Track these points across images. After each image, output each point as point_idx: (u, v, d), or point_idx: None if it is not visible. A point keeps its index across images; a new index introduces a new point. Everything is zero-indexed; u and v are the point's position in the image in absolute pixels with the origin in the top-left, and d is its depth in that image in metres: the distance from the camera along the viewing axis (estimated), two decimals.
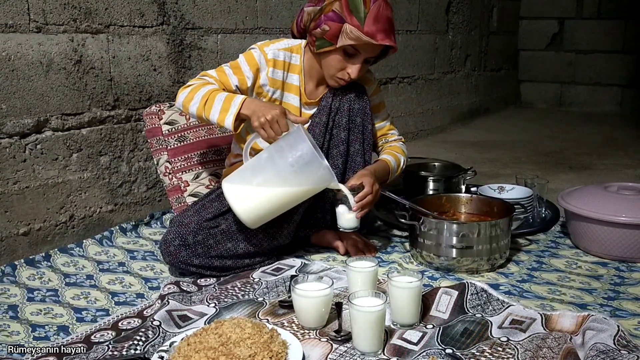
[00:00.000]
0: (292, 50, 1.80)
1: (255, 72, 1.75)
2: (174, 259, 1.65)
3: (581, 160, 3.31)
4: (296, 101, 1.82)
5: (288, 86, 1.81)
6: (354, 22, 1.64)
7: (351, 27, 1.64)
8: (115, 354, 1.24)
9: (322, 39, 1.69)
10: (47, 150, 1.88)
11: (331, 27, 1.66)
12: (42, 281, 1.68)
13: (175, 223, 1.69)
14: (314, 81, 1.83)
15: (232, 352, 1.17)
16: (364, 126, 1.85)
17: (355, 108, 1.82)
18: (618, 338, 1.25)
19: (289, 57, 1.79)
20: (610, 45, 4.95)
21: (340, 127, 1.82)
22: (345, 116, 1.81)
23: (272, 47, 1.77)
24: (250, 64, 1.75)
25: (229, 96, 1.65)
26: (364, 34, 1.64)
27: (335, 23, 1.66)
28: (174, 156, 2.02)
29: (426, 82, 3.98)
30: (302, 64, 1.81)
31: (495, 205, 1.89)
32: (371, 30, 1.64)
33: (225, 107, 1.62)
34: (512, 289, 1.63)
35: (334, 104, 1.81)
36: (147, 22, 2.13)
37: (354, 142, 1.84)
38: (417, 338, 1.34)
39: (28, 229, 1.84)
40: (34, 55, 1.81)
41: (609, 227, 1.79)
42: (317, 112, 1.82)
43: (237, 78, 1.74)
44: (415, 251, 1.81)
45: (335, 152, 1.82)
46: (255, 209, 1.60)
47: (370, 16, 1.64)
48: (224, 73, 1.75)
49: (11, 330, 1.41)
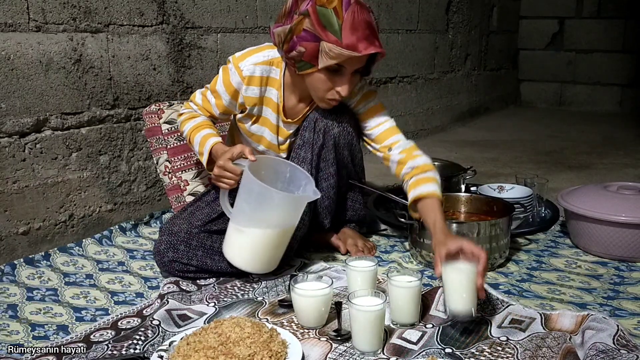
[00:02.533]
0: (272, 63, 1.69)
1: (233, 93, 1.71)
2: (169, 269, 1.65)
3: (581, 160, 3.31)
4: (274, 118, 1.75)
5: (267, 100, 1.73)
6: (330, 38, 1.47)
7: (329, 45, 1.48)
8: (114, 353, 1.24)
9: (302, 62, 1.54)
10: (46, 150, 1.88)
11: (307, 48, 1.50)
12: (42, 280, 1.68)
13: (165, 232, 1.66)
14: (296, 96, 1.72)
15: (231, 352, 1.17)
16: (352, 156, 1.81)
17: (341, 143, 1.74)
18: (617, 337, 1.25)
19: (267, 71, 1.69)
20: (610, 45, 4.95)
21: (328, 162, 1.75)
22: (332, 152, 1.74)
23: (248, 62, 1.68)
24: (227, 88, 1.71)
25: (203, 139, 1.69)
26: (344, 48, 1.47)
27: (310, 43, 1.50)
28: (173, 155, 2.02)
29: (426, 81, 3.98)
30: (281, 79, 1.70)
31: (495, 204, 1.89)
32: (351, 42, 1.47)
33: (200, 151, 1.70)
34: (511, 289, 1.63)
35: (316, 138, 1.71)
36: (146, 21, 2.13)
37: (343, 177, 1.83)
38: (417, 337, 1.34)
39: (27, 228, 1.84)
40: (34, 55, 1.81)
41: (608, 227, 1.79)
42: (300, 145, 1.73)
43: (216, 104, 1.75)
44: (415, 250, 1.81)
45: (326, 185, 1.78)
46: (254, 258, 1.58)
47: (346, 26, 1.47)
48: (207, 100, 1.77)
49: (11, 329, 1.41)
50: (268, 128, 1.77)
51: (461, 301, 1.34)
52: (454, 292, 1.34)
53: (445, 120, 4.27)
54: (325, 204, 1.82)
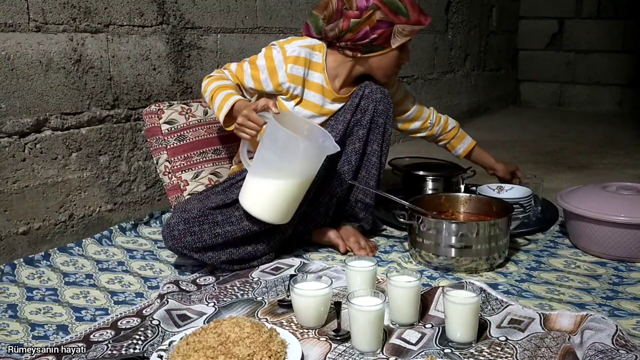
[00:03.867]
0: (314, 48, 1.83)
1: (272, 70, 1.78)
2: (178, 243, 1.63)
3: (580, 160, 3.31)
4: (318, 98, 1.84)
5: (309, 83, 1.83)
6: (402, 20, 1.74)
7: (402, 26, 1.74)
8: (114, 353, 1.24)
9: (371, 46, 1.77)
10: (46, 150, 1.88)
11: (380, 34, 1.74)
12: (42, 280, 1.68)
13: (178, 209, 1.69)
14: (340, 80, 1.86)
15: (231, 352, 1.17)
16: (385, 128, 1.89)
17: (380, 109, 1.86)
18: (616, 338, 1.25)
19: (309, 54, 1.81)
20: (610, 45, 4.95)
21: (361, 125, 1.85)
22: (369, 115, 1.85)
23: (294, 44, 1.80)
24: (267, 62, 1.79)
25: (227, 95, 1.71)
26: (413, 24, 1.75)
27: (384, 29, 1.74)
28: (173, 155, 2.02)
29: (425, 81, 3.98)
30: (324, 63, 1.83)
31: (494, 204, 1.89)
32: (417, 18, 1.76)
33: (221, 106, 1.71)
34: (510, 289, 1.63)
35: (360, 102, 1.85)
36: (146, 21, 2.13)
37: (372, 142, 1.88)
38: (416, 339, 1.34)
39: (27, 228, 1.85)
40: (34, 55, 1.81)
41: (607, 227, 1.79)
42: (342, 110, 1.86)
43: (252, 75, 1.81)
44: (414, 251, 1.81)
45: (351, 148, 1.86)
46: (273, 207, 1.63)
47: (409, 6, 1.74)
48: (242, 70, 1.82)
49: (10, 329, 1.41)
50: (310, 109, 1.84)
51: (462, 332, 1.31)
52: (454, 323, 1.31)
53: None
54: (344, 168, 1.86)
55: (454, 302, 1.30)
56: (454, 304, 1.30)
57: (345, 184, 1.88)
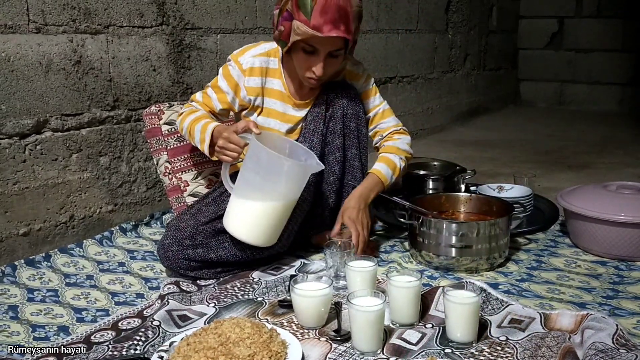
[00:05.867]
0: (270, 54, 1.80)
1: (234, 87, 1.78)
2: (172, 263, 1.65)
3: (580, 159, 3.31)
4: (278, 105, 1.82)
5: (268, 91, 1.81)
6: (301, 17, 1.60)
7: (298, 23, 1.60)
8: (115, 354, 1.25)
9: (281, 41, 1.69)
10: (46, 151, 1.88)
11: (285, 27, 1.64)
12: (42, 281, 1.68)
13: (171, 227, 1.68)
14: (297, 82, 1.80)
15: (231, 352, 1.17)
16: (358, 130, 1.84)
17: (349, 113, 1.82)
18: (617, 337, 1.25)
19: (265, 62, 1.79)
20: (610, 44, 4.95)
21: (335, 133, 1.81)
22: (340, 122, 1.81)
23: (247, 55, 1.78)
24: (228, 81, 1.79)
25: (203, 126, 1.71)
26: (310, 27, 1.58)
27: (287, 22, 1.63)
28: (173, 156, 2.02)
29: (425, 81, 3.98)
30: (280, 68, 1.80)
31: (495, 204, 1.89)
32: (318, 23, 1.58)
33: (202, 138, 1.70)
34: (511, 288, 1.63)
35: (327, 110, 1.80)
36: (146, 22, 2.13)
37: (350, 148, 1.84)
38: (417, 339, 1.34)
39: (28, 229, 1.85)
40: (34, 56, 1.81)
41: (608, 226, 1.79)
42: (311, 120, 1.81)
43: (218, 98, 1.80)
44: (415, 251, 1.81)
45: (332, 158, 1.83)
46: (261, 230, 1.61)
47: (317, 8, 1.57)
48: (208, 96, 1.81)
49: (11, 330, 1.41)
50: (274, 118, 1.82)
51: (462, 332, 1.31)
52: (455, 323, 1.31)
53: (444, 120, 4.27)
54: (330, 179, 1.84)
55: (455, 302, 1.30)
56: (454, 304, 1.30)
57: (334, 195, 1.86)
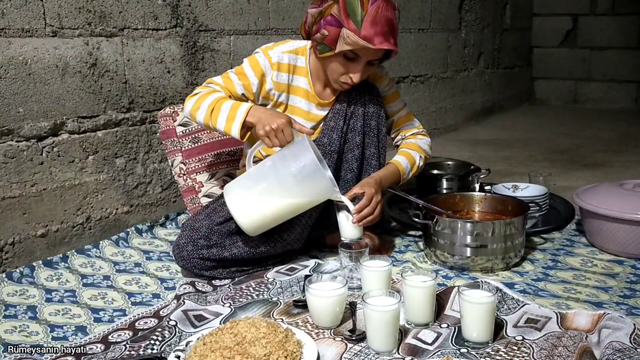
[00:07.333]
0: (297, 52, 1.78)
1: (261, 77, 1.74)
2: (187, 263, 1.66)
3: (596, 158, 3.28)
4: (303, 104, 1.80)
5: (294, 89, 1.79)
6: (351, 26, 1.58)
7: (348, 32, 1.59)
8: (132, 353, 1.26)
9: (323, 44, 1.65)
10: (63, 153, 1.90)
11: (330, 32, 1.62)
12: (60, 282, 1.70)
13: (187, 227, 1.69)
14: (321, 83, 1.80)
15: (247, 352, 1.17)
16: (378, 129, 1.84)
17: (370, 112, 1.81)
18: (634, 336, 1.24)
19: (293, 59, 1.77)
20: (625, 42, 4.90)
21: (355, 131, 1.80)
22: (360, 120, 1.80)
23: (276, 50, 1.76)
24: (254, 69, 1.74)
25: (234, 104, 1.64)
26: (360, 38, 1.58)
27: (333, 27, 1.61)
28: (188, 157, 2.04)
29: (439, 80, 3.97)
30: (307, 66, 1.78)
31: (510, 203, 1.88)
32: (369, 34, 1.58)
33: (231, 116, 1.62)
34: (527, 288, 1.62)
35: (349, 108, 1.79)
36: (160, 24, 2.15)
37: (369, 146, 1.83)
38: (432, 339, 1.34)
39: (46, 230, 1.87)
40: (50, 59, 1.83)
41: (624, 225, 1.78)
42: (331, 116, 1.79)
43: (243, 84, 1.73)
44: (429, 250, 1.81)
45: (351, 156, 1.81)
46: (256, 218, 1.60)
47: (368, 19, 1.58)
48: (230, 80, 1.74)
49: (30, 330, 1.43)
50: (298, 116, 1.80)
51: (478, 332, 1.30)
52: (470, 323, 1.31)
53: (458, 119, 4.26)
54: (347, 177, 1.83)
55: (470, 301, 1.29)
56: (470, 304, 1.29)
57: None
